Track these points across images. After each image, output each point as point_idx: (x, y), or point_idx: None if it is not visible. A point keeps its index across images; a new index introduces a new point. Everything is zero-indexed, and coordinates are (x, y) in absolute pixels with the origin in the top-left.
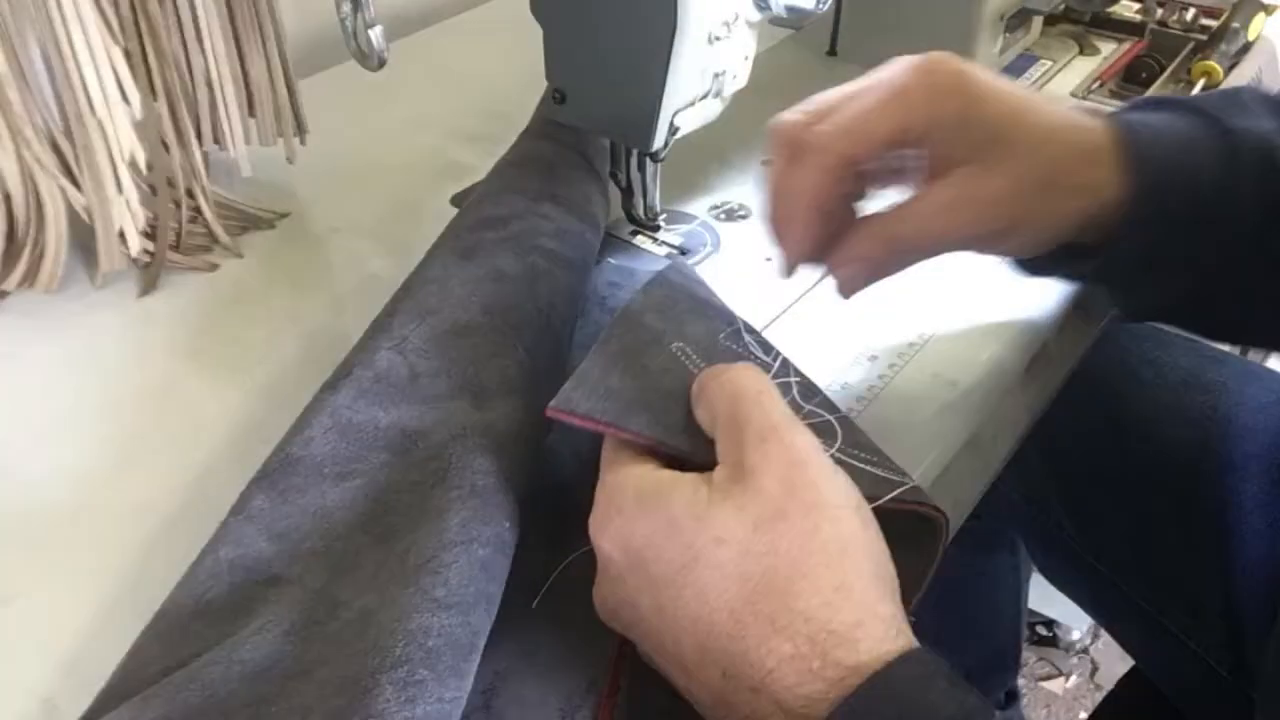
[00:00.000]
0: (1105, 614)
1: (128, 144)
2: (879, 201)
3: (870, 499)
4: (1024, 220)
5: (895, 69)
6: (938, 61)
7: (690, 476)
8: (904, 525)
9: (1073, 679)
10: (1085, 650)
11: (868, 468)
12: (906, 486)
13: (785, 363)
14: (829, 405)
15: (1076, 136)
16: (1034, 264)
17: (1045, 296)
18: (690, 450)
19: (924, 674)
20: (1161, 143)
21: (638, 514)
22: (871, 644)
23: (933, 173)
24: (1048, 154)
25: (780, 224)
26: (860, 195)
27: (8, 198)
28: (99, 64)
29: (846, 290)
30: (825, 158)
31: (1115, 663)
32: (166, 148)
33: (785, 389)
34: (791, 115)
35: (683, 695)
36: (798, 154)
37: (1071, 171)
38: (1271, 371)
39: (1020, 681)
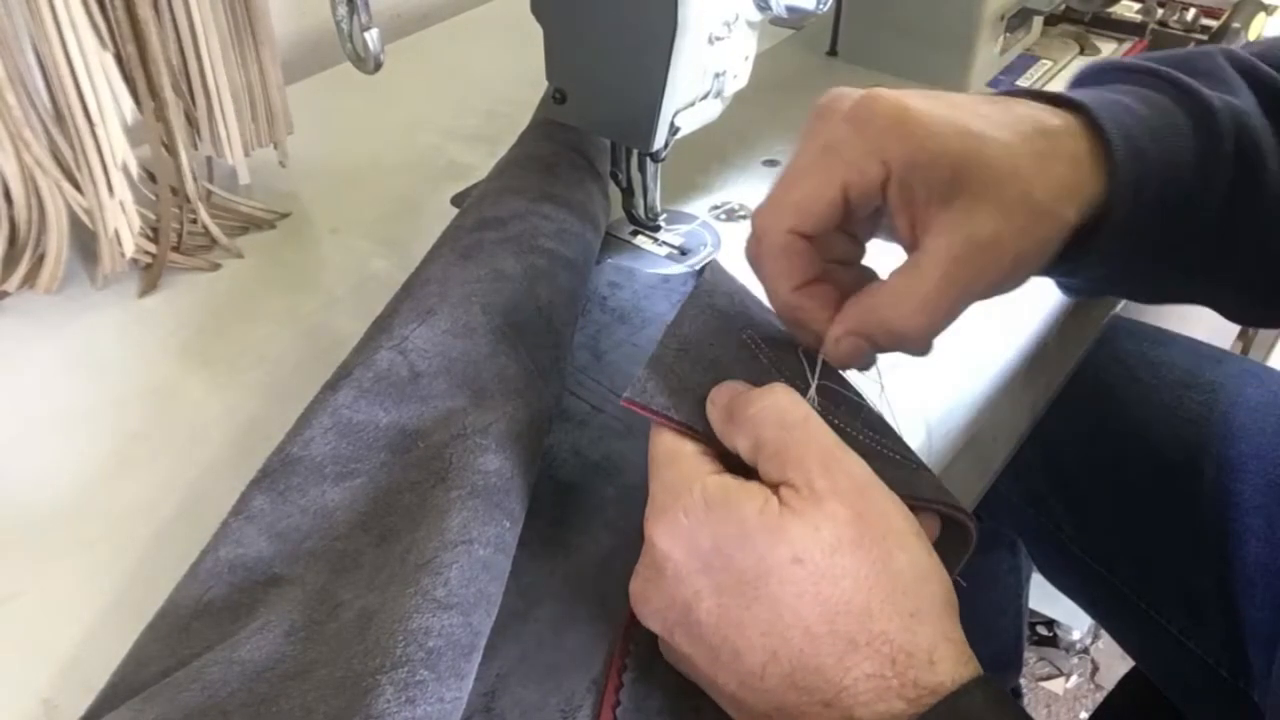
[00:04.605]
0: (1105, 614)
1: (120, 147)
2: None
3: (910, 499)
4: (1025, 254)
5: (825, 121)
6: (870, 102)
7: (757, 485)
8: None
9: (1073, 679)
10: (1085, 650)
11: (898, 458)
12: (953, 506)
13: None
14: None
15: (1046, 145)
16: None
17: (1045, 297)
18: None
19: (998, 698)
20: (1139, 135)
21: (707, 518)
22: (948, 667)
23: (896, 218)
24: (1025, 175)
25: (784, 319)
26: (857, 255)
27: (9, 200)
28: (90, 68)
29: (848, 364)
30: (774, 239)
31: (1115, 663)
32: (167, 149)
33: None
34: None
35: (716, 698)
36: (756, 243)
37: (1053, 184)
38: (1270, 370)
39: (1021, 681)
